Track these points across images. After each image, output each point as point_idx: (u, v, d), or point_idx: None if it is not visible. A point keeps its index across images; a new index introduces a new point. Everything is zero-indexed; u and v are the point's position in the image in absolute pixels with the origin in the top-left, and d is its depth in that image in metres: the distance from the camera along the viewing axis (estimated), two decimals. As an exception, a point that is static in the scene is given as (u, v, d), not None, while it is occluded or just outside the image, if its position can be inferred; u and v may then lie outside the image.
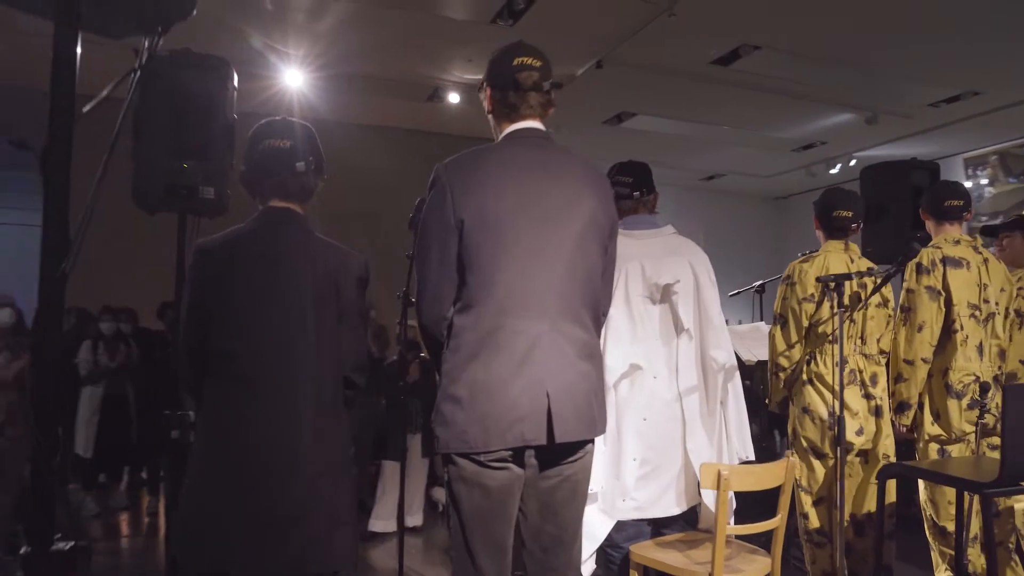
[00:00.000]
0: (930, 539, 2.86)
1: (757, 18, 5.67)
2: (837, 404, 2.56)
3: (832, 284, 2.41)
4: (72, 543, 1.47)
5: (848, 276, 2.50)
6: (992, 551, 2.20)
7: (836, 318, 2.48)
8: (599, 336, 1.89)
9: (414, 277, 1.84)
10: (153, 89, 2.70)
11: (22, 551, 1.39)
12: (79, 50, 1.88)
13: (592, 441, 1.79)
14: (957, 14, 5.48)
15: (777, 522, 2.14)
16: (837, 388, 2.55)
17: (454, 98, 7.26)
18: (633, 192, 2.67)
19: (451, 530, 1.73)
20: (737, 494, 2.23)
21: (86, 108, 1.96)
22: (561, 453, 1.73)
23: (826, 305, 2.75)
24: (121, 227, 4.70)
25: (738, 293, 4.85)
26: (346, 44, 6.16)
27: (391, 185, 7.86)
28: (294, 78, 6.63)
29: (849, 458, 2.69)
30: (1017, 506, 2.91)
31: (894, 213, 4.16)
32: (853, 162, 9.15)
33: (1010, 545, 2.82)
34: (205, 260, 1.73)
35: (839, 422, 2.50)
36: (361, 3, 5.55)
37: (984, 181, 8.86)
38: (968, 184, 8.97)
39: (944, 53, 6.15)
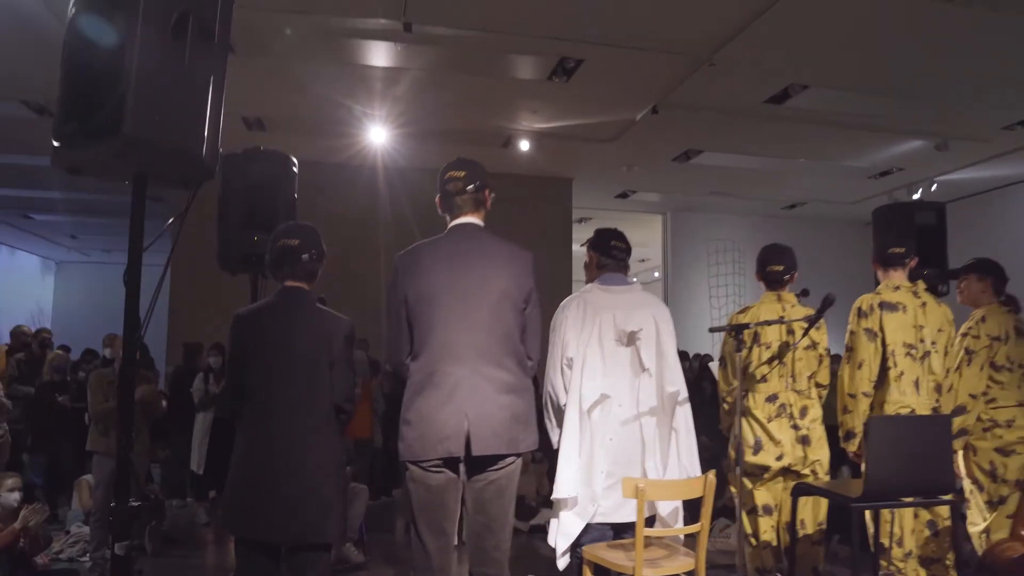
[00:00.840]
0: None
1: (796, 60, 5.97)
2: (761, 433, 2.96)
3: (733, 332, 2.81)
4: (139, 502, 2.12)
5: (767, 323, 2.92)
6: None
7: (749, 354, 2.91)
8: (526, 375, 2.44)
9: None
10: (232, 180, 3.48)
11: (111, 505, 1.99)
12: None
13: (518, 455, 2.35)
14: (1015, 38, 5.53)
15: (698, 528, 2.58)
16: (764, 420, 2.95)
17: (524, 145, 7.91)
18: (622, 254, 3.21)
19: (411, 523, 2.34)
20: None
21: (147, 245, 2.45)
22: (485, 463, 2.30)
23: (755, 351, 3.15)
24: (223, 278, 5.62)
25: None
26: (422, 103, 6.94)
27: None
28: (378, 135, 7.49)
29: (773, 477, 3.08)
30: (972, 528, 3.14)
31: (901, 244, 4.39)
32: (934, 187, 9.08)
33: (947, 562, 3.06)
34: (240, 325, 2.45)
35: (738, 446, 2.90)
36: (429, 70, 6.31)
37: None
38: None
39: (1009, 76, 6.16)
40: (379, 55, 6.03)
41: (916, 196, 9.42)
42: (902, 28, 5.31)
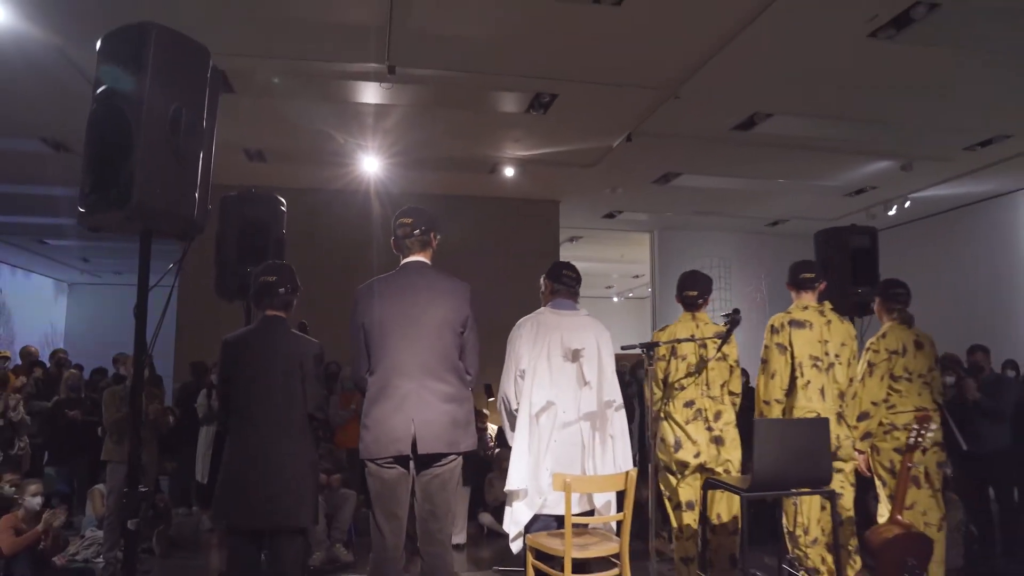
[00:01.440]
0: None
1: (757, 91, 6.45)
2: (680, 434, 3.45)
3: (645, 349, 3.30)
4: (146, 489, 2.60)
5: (674, 348, 3.42)
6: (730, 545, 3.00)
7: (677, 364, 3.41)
8: (465, 387, 2.94)
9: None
10: (228, 219, 4.01)
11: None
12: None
13: (458, 454, 2.85)
14: (962, 71, 5.97)
15: (621, 516, 3.06)
16: (683, 423, 3.44)
17: (509, 171, 8.45)
18: (565, 282, 3.69)
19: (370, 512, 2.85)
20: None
21: (153, 285, 2.97)
22: (430, 461, 2.80)
23: (673, 362, 3.63)
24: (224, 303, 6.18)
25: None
26: (410, 136, 7.47)
27: (462, 245, 9.17)
28: (371, 164, 8.03)
29: (692, 473, 3.55)
30: (880, 519, 3.59)
31: (837, 270, 4.88)
32: (908, 204, 9.55)
33: (850, 548, 3.50)
34: (228, 349, 2.98)
35: (646, 440, 3.37)
36: (416, 106, 6.85)
37: (1051, 217, 9.00)
38: (1034, 219, 9.17)
39: (966, 103, 6.61)
40: (368, 94, 6.56)
41: (891, 212, 9.91)
42: (857, 64, 5.77)
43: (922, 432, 3.34)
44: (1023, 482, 5.76)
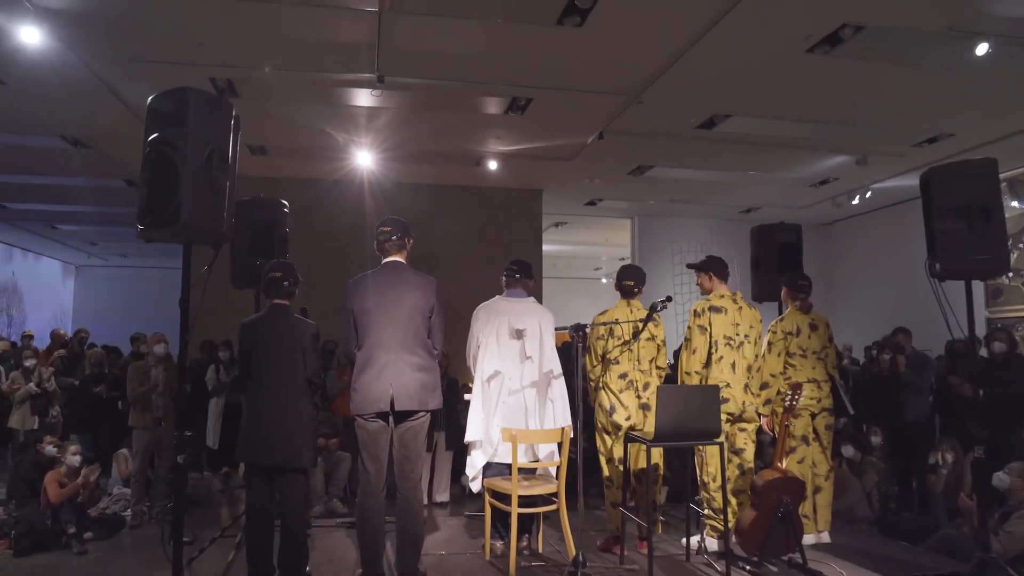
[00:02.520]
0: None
1: (713, 95, 7.24)
2: (615, 400, 4.32)
3: (579, 332, 4.14)
4: (181, 462, 3.46)
5: (611, 328, 4.28)
6: (650, 490, 3.90)
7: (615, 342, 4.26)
8: (432, 359, 3.82)
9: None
10: (240, 220, 4.86)
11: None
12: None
13: (427, 411, 3.72)
14: (894, 79, 6.75)
15: (559, 463, 3.95)
16: (617, 392, 4.31)
17: (493, 165, 9.27)
18: (516, 275, 4.54)
19: (359, 456, 3.73)
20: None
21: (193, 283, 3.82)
22: (404, 416, 3.68)
23: (610, 341, 4.47)
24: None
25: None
26: (400, 133, 8.29)
27: (451, 232, 10.04)
28: (364, 158, 8.86)
29: (623, 433, 4.39)
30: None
31: (764, 262, 5.73)
32: (869, 193, 10.37)
33: (748, 492, 4.36)
34: (244, 330, 3.84)
35: (583, 406, 4.22)
36: (404, 108, 7.65)
37: (1009, 204, 9.79)
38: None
39: (901, 107, 7.40)
40: (360, 98, 7.37)
41: (855, 202, 10.74)
42: (800, 74, 6.54)
43: (795, 397, 4.20)
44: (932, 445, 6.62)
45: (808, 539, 4.39)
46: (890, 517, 5.73)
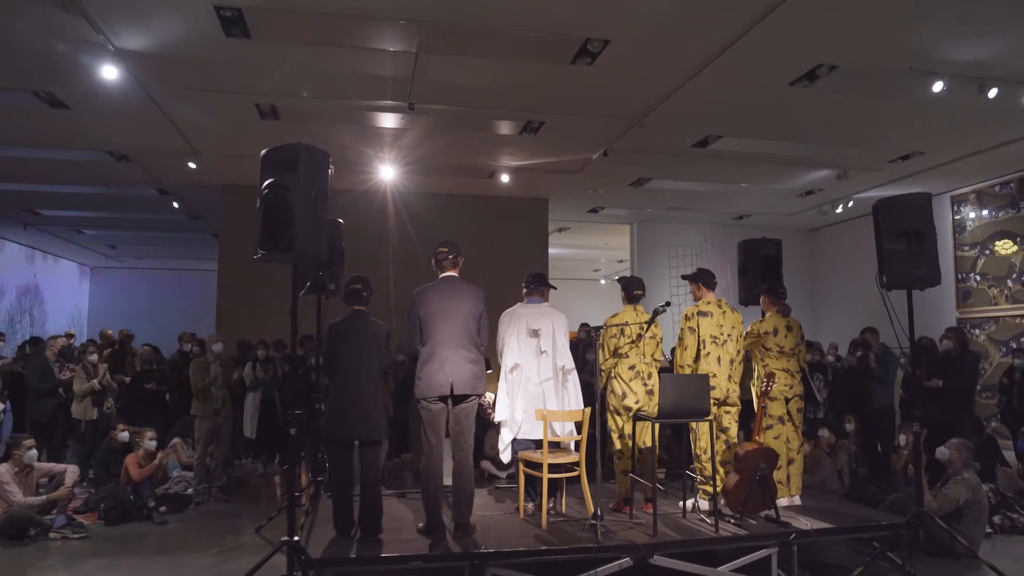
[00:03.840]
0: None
1: (707, 119, 8.31)
2: (626, 387, 5.38)
3: (592, 332, 5.17)
4: (300, 412, 4.49)
5: (622, 328, 5.36)
6: (652, 463, 5.01)
7: (631, 339, 5.32)
8: (480, 354, 4.85)
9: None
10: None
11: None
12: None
13: (477, 395, 4.76)
14: (868, 108, 7.81)
15: (581, 438, 5.01)
16: (628, 380, 5.37)
17: (505, 177, 10.33)
18: (530, 286, 5.58)
19: (421, 431, 4.78)
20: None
21: (303, 292, 4.90)
22: (460, 400, 4.71)
23: (621, 339, 5.49)
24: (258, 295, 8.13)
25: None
26: (423, 149, 9.33)
27: (465, 237, 11.07)
28: (388, 172, 9.90)
29: (631, 414, 5.43)
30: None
31: (749, 271, 6.81)
32: (851, 203, 11.48)
33: (732, 463, 5.42)
34: (332, 329, 4.87)
35: (601, 394, 5.28)
36: (428, 129, 8.68)
37: (972, 214, 10.92)
38: (957, 217, 11.11)
39: (876, 130, 8.49)
40: (388, 121, 8.41)
41: (839, 210, 11.84)
42: (784, 102, 7.58)
43: (770, 384, 5.27)
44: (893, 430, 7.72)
45: (782, 501, 5.43)
46: (857, 491, 6.83)
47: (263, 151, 4.44)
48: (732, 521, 5.05)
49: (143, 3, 5.79)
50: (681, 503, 5.42)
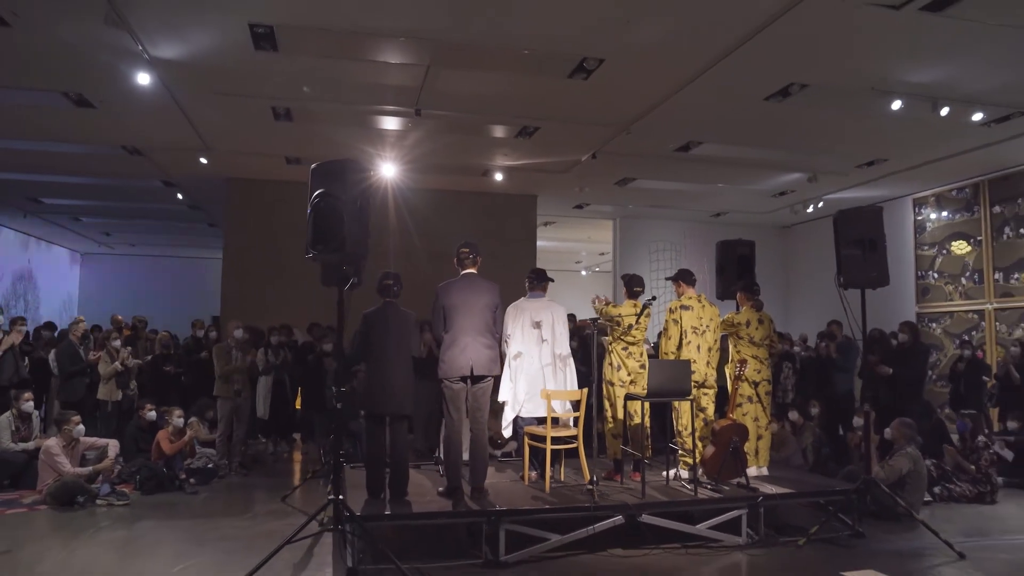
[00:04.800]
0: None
1: (689, 128, 9.19)
2: (621, 362, 6.26)
3: (593, 324, 6.03)
4: (345, 388, 5.30)
5: (620, 318, 6.25)
6: (642, 438, 5.91)
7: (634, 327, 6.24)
8: (496, 341, 5.69)
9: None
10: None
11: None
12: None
13: (493, 376, 5.60)
14: (835, 120, 8.73)
15: (579, 413, 5.88)
16: (624, 358, 6.25)
17: (499, 176, 11.15)
18: (533, 281, 6.41)
19: (444, 406, 5.61)
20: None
21: (348, 285, 5.71)
22: (478, 380, 5.54)
23: (619, 328, 6.36)
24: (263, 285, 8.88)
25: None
26: (422, 149, 10.10)
27: (460, 230, 11.86)
28: (389, 170, 10.66)
29: (623, 391, 6.30)
30: None
31: (726, 269, 7.71)
32: (821, 204, 12.46)
33: (708, 438, 6.32)
34: (367, 318, 5.66)
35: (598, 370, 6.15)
36: (429, 132, 9.46)
37: (932, 215, 11.94)
38: (918, 218, 12.13)
39: (843, 139, 9.44)
40: (393, 124, 9.18)
41: (809, 210, 12.82)
42: (759, 115, 8.46)
43: (742, 369, 6.18)
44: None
45: (751, 471, 6.32)
46: (820, 467, 7.79)
47: (313, 165, 5.21)
48: (708, 487, 5.94)
49: (183, 19, 6.50)
50: (665, 472, 6.31)
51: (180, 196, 12.58)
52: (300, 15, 6.35)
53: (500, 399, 6.18)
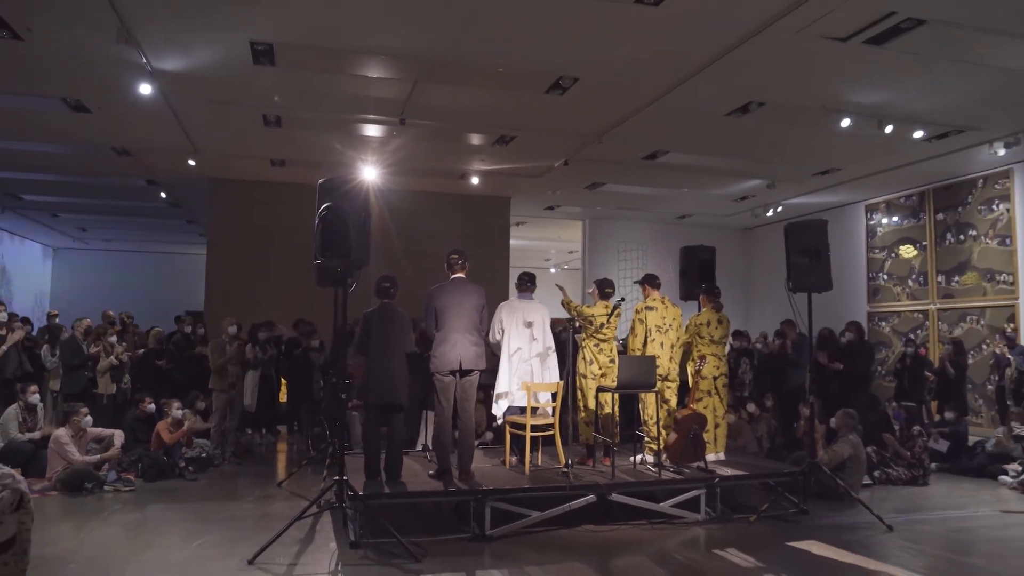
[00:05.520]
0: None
1: (655, 138, 9.97)
2: (593, 356, 7.02)
3: (571, 323, 6.80)
4: (349, 381, 5.95)
5: (593, 317, 7.00)
6: (611, 427, 6.69)
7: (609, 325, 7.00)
8: (483, 339, 6.39)
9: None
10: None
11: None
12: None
13: (479, 370, 6.31)
14: (791, 135, 9.55)
15: (556, 404, 6.62)
16: (596, 353, 7.01)
17: (475, 179, 11.86)
18: (526, 284, 7.13)
19: (435, 397, 6.32)
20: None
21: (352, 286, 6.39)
22: (465, 373, 6.24)
23: (592, 326, 7.12)
24: (247, 283, 9.49)
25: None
26: (403, 154, 10.75)
27: (438, 229, 12.55)
28: (370, 173, 11.26)
29: (594, 383, 7.07)
30: None
31: (689, 273, 8.52)
32: (780, 208, 13.37)
33: (670, 426, 7.11)
34: (366, 317, 6.32)
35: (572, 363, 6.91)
36: (411, 136, 10.11)
37: (883, 221, 12.89)
38: (871, 222, 13.08)
39: (797, 150, 10.30)
40: (376, 131, 9.82)
41: (769, 214, 13.71)
42: (719, 129, 9.26)
43: (702, 364, 6.99)
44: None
45: (710, 456, 7.11)
46: (774, 454, 8.64)
47: (320, 180, 5.87)
48: (671, 470, 6.73)
49: (188, 36, 7.07)
50: (632, 457, 7.08)
51: (163, 195, 13.07)
52: (300, 35, 6.96)
53: (498, 390, 6.84)
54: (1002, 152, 9.53)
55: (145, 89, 8.01)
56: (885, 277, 12.77)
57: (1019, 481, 7.80)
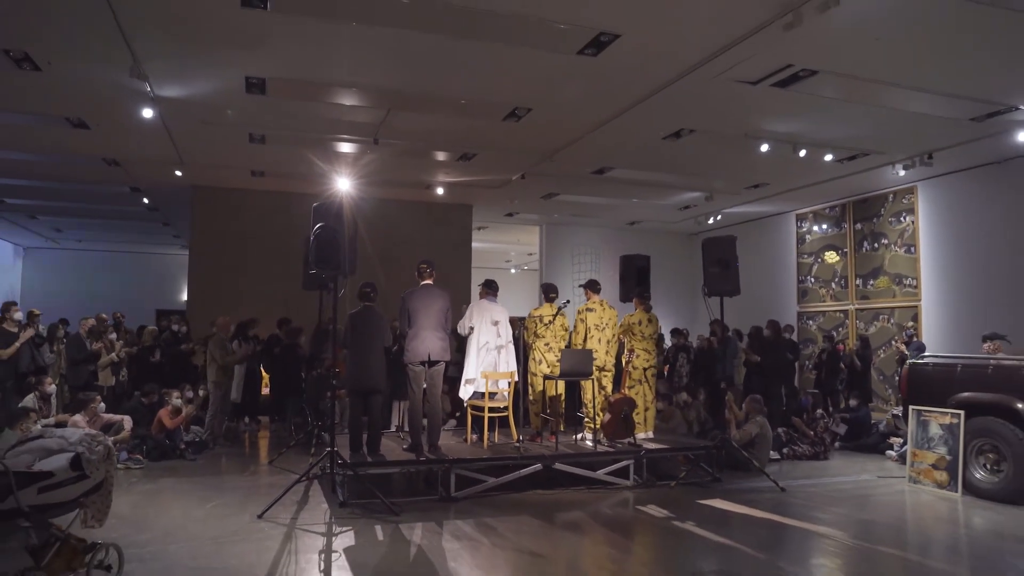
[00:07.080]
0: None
1: (601, 156, 11.55)
2: (543, 356, 8.57)
3: (521, 322, 8.30)
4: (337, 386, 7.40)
5: (541, 317, 8.54)
6: (557, 408, 8.27)
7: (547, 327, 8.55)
8: (448, 335, 7.89)
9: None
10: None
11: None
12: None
13: (445, 361, 7.81)
14: (722, 154, 11.15)
15: (510, 390, 8.16)
16: (544, 353, 8.58)
17: (440, 190, 13.36)
18: (492, 288, 8.64)
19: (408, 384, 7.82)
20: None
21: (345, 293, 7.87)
22: (433, 364, 7.74)
23: (540, 327, 8.65)
24: (230, 285, 10.89)
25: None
26: (375, 168, 12.20)
27: (405, 235, 14.00)
28: (344, 184, 12.70)
29: (543, 376, 8.62)
30: None
31: (627, 278, 10.11)
32: (720, 216, 15.08)
33: (605, 409, 8.70)
34: (350, 319, 7.78)
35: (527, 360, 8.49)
36: (382, 153, 11.55)
37: (814, 229, 14.65)
38: (801, 230, 14.83)
39: (730, 167, 11.95)
40: (351, 148, 11.25)
41: (711, 221, 15.41)
42: (659, 149, 10.84)
43: (631, 356, 8.59)
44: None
45: (640, 435, 8.70)
46: (703, 437, 10.28)
47: (315, 203, 7.32)
48: (606, 444, 8.31)
49: (191, 71, 8.42)
50: (574, 436, 8.65)
51: (146, 200, 14.32)
52: (291, 70, 8.34)
53: (466, 376, 8.33)
54: (902, 173, 11.28)
55: (147, 113, 9.34)
56: (812, 280, 14.54)
57: (899, 453, 9.54)
